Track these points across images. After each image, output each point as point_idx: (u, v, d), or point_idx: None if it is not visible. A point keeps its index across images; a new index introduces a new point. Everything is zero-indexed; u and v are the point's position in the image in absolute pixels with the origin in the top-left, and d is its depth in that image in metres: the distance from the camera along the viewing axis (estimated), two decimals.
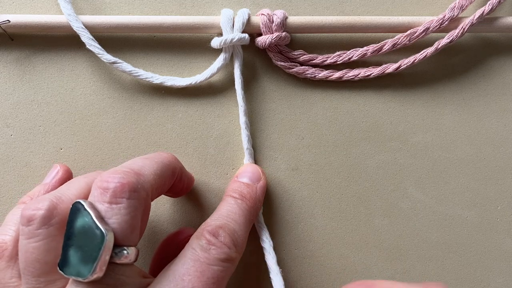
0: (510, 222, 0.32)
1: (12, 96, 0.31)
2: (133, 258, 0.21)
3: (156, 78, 0.31)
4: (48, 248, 0.21)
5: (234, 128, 0.32)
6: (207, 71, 0.31)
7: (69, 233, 0.21)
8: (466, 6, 0.31)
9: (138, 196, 0.22)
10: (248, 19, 0.31)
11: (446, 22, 0.31)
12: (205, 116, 0.32)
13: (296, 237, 0.31)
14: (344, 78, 0.32)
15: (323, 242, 0.31)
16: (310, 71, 0.32)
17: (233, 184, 0.28)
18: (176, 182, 0.27)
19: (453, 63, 0.33)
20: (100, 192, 0.21)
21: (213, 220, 0.24)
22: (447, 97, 0.33)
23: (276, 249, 0.31)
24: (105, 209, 0.21)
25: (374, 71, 0.32)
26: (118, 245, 0.21)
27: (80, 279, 0.20)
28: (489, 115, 0.33)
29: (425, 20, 0.31)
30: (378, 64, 0.32)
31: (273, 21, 0.31)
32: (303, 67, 0.32)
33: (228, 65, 0.32)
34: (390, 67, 0.32)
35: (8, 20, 0.30)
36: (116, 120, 0.32)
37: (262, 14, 0.31)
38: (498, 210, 0.32)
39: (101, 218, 0.21)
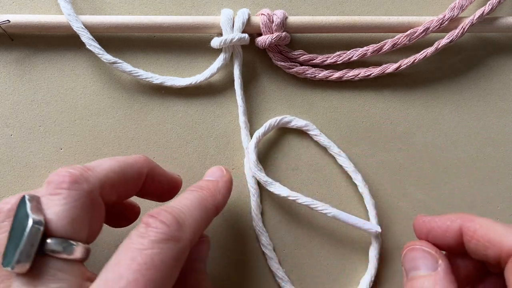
0: (510, 222, 0.32)
1: (12, 96, 0.31)
2: (80, 254, 0.20)
3: (156, 78, 0.31)
4: None
5: (234, 128, 0.32)
6: (207, 71, 0.31)
7: (12, 225, 0.20)
8: (466, 6, 0.31)
9: (79, 187, 0.21)
10: (248, 19, 0.31)
11: (446, 22, 0.31)
12: (205, 116, 0.32)
13: (296, 237, 0.31)
14: (344, 78, 0.32)
15: (323, 242, 0.31)
16: (310, 71, 0.32)
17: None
18: (148, 184, 0.26)
19: (453, 63, 0.33)
20: (46, 185, 0.21)
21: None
22: (447, 97, 0.33)
23: (276, 249, 0.31)
24: (45, 201, 0.21)
25: (374, 71, 0.32)
26: (57, 237, 0.20)
27: (8, 269, 0.19)
28: (489, 115, 0.33)
29: (425, 20, 0.31)
30: (378, 64, 0.32)
31: (273, 21, 0.31)
32: (303, 67, 0.32)
33: (228, 65, 0.32)
34: (390, 67, 0.32)
35: (8, 20, 0.30)
36: (116, 120, 0.32)
37: (262, 14, 0.31)
38: (498, 210, 0.32)
39: (38, 209, 0.20)
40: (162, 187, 0.27)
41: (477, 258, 0.23)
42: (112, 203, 0.24)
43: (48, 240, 0.20)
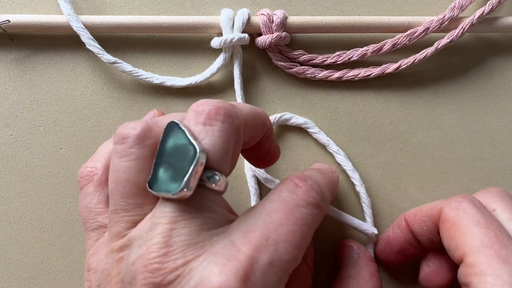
0: None
1: (12, 96, 0.31)
2: (223, 187, 0.21)
3: (156, 78, 0.31)
4: (140, 168, 0.21)
5: None
6: (207, 71, 0.31)
7: (161, 150, 0.20)
8: (466, 6, 0.31)
9: (232, 121, 0.21)
10: (248, 19, 0.31)
11: (446, 22, 0.31)
12: None
13: None
14: (344, 78, 0.32)
15: (323, 242, 0.31)
16: (310, 71, 0.32)
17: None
18: (264, 140, 0.25)
19: (453, 63, 0.33)
20: (194, 114, 0.21)
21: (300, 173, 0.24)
22: (447, 97, 0.33)
23: None
24: (199, 130, 0.20)
25: (374, 71, 0.32)
26: (209, 169, 0.20)
27: (169, 195, 0.19)
28: (489, 115, 0.33)
29: (425, 20, 0.31)
30: (378, 64, 0.32)
31: (273, 21, 0.31)
32: (303, 67, 0.32)
33: (228, 65, 0.32)
34: (390, 67, 0.32)
35: (8, 20, 0.30)
36: (116, 120, 0.32)
37: (262, 14, 0.31)
38: None
39: (194, 137, 0.20)
40: (270, 148, 0.26)
41: (425, 238, 0.26)
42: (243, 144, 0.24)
43: (206, 171, 0.20)
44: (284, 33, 0.31)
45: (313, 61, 0.32)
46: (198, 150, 0.19)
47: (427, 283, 0.27)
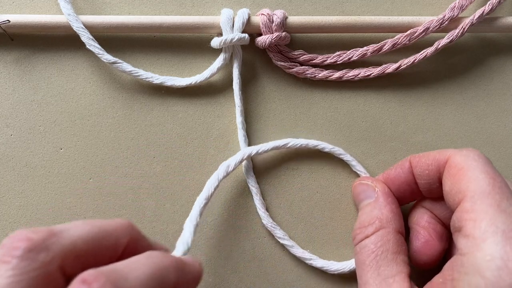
0: None
1: (12, 96, 0.31)
2: None
3: (156, 78, 0.31)
4: None
5: (234, 128, 0.32)
6: (207, 71, 0.31)
7: None
8: (466, 6, 0.31)
9: (34, 258, 0.18)
10: (248, 19, 0.31)
11: (446, 22, 0.31)
12: (205, 116, 0.32)
13: (296, 237, 0.31)
14: (344, 78, 0.32)
15: (323, 243, 0.31)
16: (310, 71, 0.32)
17: None
18: (127, 256, 0.20)
19: (453, 63, 0.33)
20: None
21: None
22: (447, 97, 0.33)
23: (275, 248, 0.31)
24: None
25: (374, 71, 0.32)
26: None
27: None
28: (489, 115, 0.33)
29: (425, 20, 0.31)
30: (378, 64, 0.32)
31: (273, 21, 0.31)
32: (303, 67, 0.32)
33: (228, 65, 0.32)
34: (390, 67, 0.32)
35: (8, 20, 0.30)
36: (116, 120, 0.32)
37: (262, 14, 0.31)
38: None
39: None
40: None
41: (424, 183, 0.27)
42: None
43: None
44: (284, 33, 0.31)
45: (313, 61, 0.32)
46: None
47: (418, 256, 0.27)
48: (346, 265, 0.30)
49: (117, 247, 0.21)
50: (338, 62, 0.32)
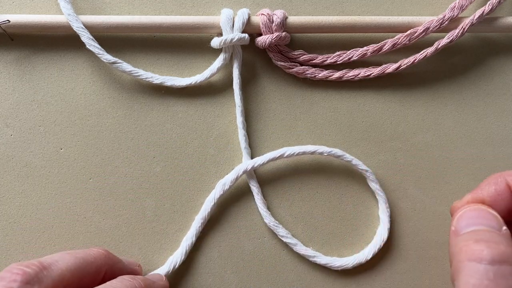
0: None
1: (12, 96, 0.31)
2: None
3: (156, 78, 0.31)
4: None
5: (234, 128, 0.32)
6: (207, 71, 0.31)
7: None
8: (466, 6, 0.31)
9: None
10: (248, 19, 0.31)
11: (446, 22, 0.31)
12: (205, 116, 0.32)
13: (296, 237, 0.31)
14: (344, 78, 0.32)
15: (323, 243, 0.31)
16: (310, 71, 0.32)
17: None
18: (107, 279, 0.24)
19: (453, 63, 0.33)
20: None
21: None
22: (447, 97, 0.33)
23: (275, 248, 0.31)
24: None
25: (374, 71, 0.32)
26: None
27: None
28: (489, 115, 0.33)
29: (425, 20, 0.31)
30: (378, 64, 0.32)
31: (273, 21, 0.31)
32: (303, 67, 0.32)
33: (228, 65, 0.32)
34: (390, 67, 0.32)
35: (8, 20, 0.30)
36: (116, 120, 0.32)
37: (262, 14, 0.31)
38: None
39: None
40: None
41: None
42: None
43: None
44: (284, 33, 0.31)
45: (313, 61, 0.32)
46: None
47: None
48: (349, 261, 0.30)
49: (97, 275, 0.24)
50: (338, 62, 0.32)
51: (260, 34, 0.31)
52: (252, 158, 0.31)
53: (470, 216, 0.23)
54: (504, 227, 0.21)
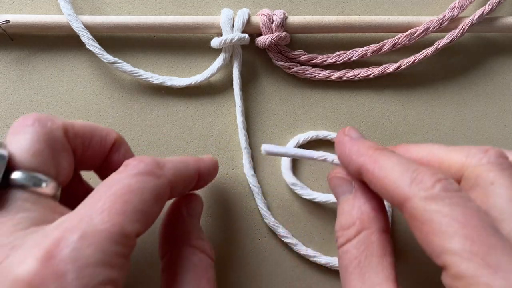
0: None
1: (12, 96, 0.31)
2: (46, 190, 0.20)
3: (156, 78, 0.31)
4: None
5: (234, 128, 0.32)
6: (207, 71, 0.31)
7: None
8: (466, 6, 0.31)
9: (43, 125, 0.21)
10: (248, 19, 0.31)
11: (446, 22, 0.31)
12: (205, 116, 0.32)
13: (296, 238, 0.31)
14: (344, 78, 0.32)
15: (323, 243, 0.31)
16: (310, 71, 0.32)
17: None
18: (113, 152, 0.25)
19: (453, 63, 0.33)
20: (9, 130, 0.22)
21: None
22: (447, 97, 0.33)
23: (276, 249, 0.31)
24: (8, 139, 0.21)
25: (374, 71, 0.32)
26: (25, 170, 0.20)
27: None
28: (489, 115, 0.33)
29: (425, 20, 0.31)
30: (378, 64, 0.32)
31: (273, 21, 0.31)
32: (303, 67, 0.32)
33: (228, 65, 0.32)
34: (390, 67, 0.32)
35: (8, 20, 0.30)
36: (116, 120, 0.32)
37: (262, 14, 0.31)
38: None
39: (2, 146, 0.20)
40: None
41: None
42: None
43: (14, 173, 0.20)
44: (284, 33, 0.31)
45: (313, 61, 0.32)
46: None
47: None
48: None
49: (106, 140, 0.24)
50: (338, 62, 0.32)
51: (260, 34, 0.31)
52: (252, 158, 0.31)
53: (332, 186, 0.26)
54: (354, 184, 0.24)
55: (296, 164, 0.32)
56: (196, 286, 0.23)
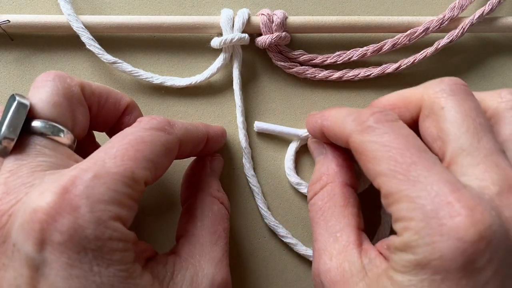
0: None
1: None
2: (64, 140, 0.22)
3: (156, 78, 0.31)
4: None
5: (234, 128, 0.32)
6: (207, 71, 0.31)
7: (2, 115, 0.22)
8: (466, 6, 0.31)
9: (61, 80, 0.23)
10: (248, 19, 0.31)
11: (446, 22, 0.31)
12: (205, 116, 0.32)
13: (296, 237, 0.31)
14: (344, 78, 0.32)
15: None
16: (310, 71, 0.32)
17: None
18: (125, 115, 0.27)
19: (453, 63, 0.33)
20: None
21: None
22: None
23: (276, 249, 0.31)
24: (30, 92, 0.23)
25: (374, 71, 0.32)
26: (44, 120, 0.22)
27: None
28: None
29: (425, 20, 0.31)
30: (378, 64, 0.32)
31: (273, 21, 0.31)
32: (303, 67, 0.32)
33: (228, 65, 0.32)
34: (390, 67, 0.32)
35: (8, 20, 0.30)
36: None
37: (262, 14, 0.31)
38: None
39: (24, 97, 0.22)
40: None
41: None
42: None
43: (34, 121, 0.22)
44: (284, 33, 0.31)
45: (313, 61, 0.32)
46: (16, 101, 0.21)
47: None
48: None
49: (120, 103, 0.26)
50: (338, 62, 0.32)
51: (260, 34, 0.31)
52: (252, 158, 0.31)
53: (310, 150, 0.29)
54: (325, 147, 0.27)
55: (298, 164, 0.32)
56: (213, 231, 0.25)
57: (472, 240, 0.18)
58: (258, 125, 0.31)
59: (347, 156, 0.27)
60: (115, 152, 0.21)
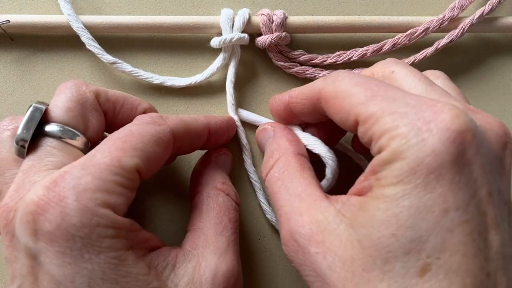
0: None
1: (12, 96, 0.31)
2: (76, 143, 0.24)
3: (156, 78, 0.31)
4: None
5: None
6: (206, 71, 0.31)
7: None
8: (466, 6, 0.31)
9: (78, 88, 0.25)
10: (248, 19, 0.31)
11: (446, 22, 0.31)
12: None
13: None
14: None
15: None
16: (310, 71, 0.32)
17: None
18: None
19: (453, 63, 0.33)
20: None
21: None
22: None
23: (276, 249, 0.31)
24: (51, 100, 0.25)
25: None
26: (57, 123, 0.24)
27: (16, 147, 0.23)
28: None
29: (425, 20, 0.31)
30: None
31: (273, 21, 0.31)
32: (303, 67, 0.32)
33: (227, 65, 0.32)
34: None
35: (8, 20, 0.30)
36: None
37: (262, 14, 0.31)
38: None
39: (43, 103, 0.24)
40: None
41: (307, 119, 0.27)
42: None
43: (47, 125, 0.24)
44: (284, 33, 0.31)
45: (313, 61, 0.32)
46: (33, 104, 0.24)
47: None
48: None
49: (137, 108, 0.27)
50: (338, 62, 0.32)
51: (260, 34, 0.31)
52: (252, 158, 0.31)
53: (257, 140, 0.30)
54: (273, 129, 0.29)
55: None
56: (218, 222, 0.26)
57: (460, 129, 0.19)
58: (241, 113, 0.32)
59: (293, 133, 0.28)
60: (103, 146, 0.22)
